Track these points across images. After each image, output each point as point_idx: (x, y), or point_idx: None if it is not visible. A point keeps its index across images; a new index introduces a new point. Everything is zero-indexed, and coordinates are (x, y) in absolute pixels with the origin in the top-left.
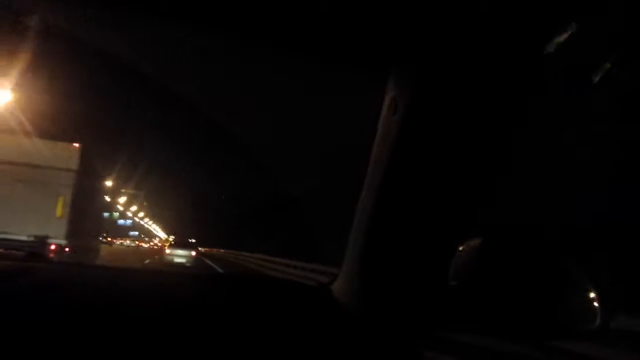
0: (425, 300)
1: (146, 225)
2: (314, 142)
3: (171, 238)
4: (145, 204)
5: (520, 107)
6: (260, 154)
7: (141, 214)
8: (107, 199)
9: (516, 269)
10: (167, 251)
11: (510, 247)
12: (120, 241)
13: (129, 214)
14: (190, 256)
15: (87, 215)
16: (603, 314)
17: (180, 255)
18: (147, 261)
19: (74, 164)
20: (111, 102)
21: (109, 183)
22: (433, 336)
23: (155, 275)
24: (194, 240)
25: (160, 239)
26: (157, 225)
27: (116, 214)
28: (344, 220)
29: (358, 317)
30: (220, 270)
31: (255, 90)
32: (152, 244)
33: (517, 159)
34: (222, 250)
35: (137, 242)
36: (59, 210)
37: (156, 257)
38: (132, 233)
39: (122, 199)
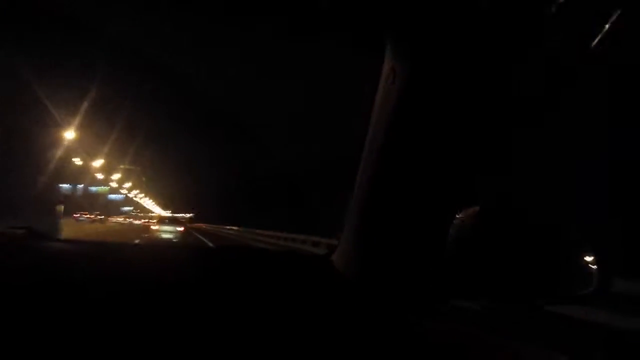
0: (422, 268)
1: (140, 201)
2: (309, 115)
3: (168, 214)
4: (144, 179)
5: (521, 80)
6: (257, 128)
7: (127, 185)
8: (79, 162)
9: (513, 237)
10: (155, 227)
11: (507, 215)
12: (115, 219)
13: (111, 184)
14: (178, 232)
15: (10, 181)
16: (601, 277)
17: (167, 231)
18: (136, 241)
19: None
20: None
21: (69, 135)
22: (431, 303)
23: (152, 249)
24: (189, 215)
25: (156, 215)
26: (152, 200)
27: (105, 188)
28: (343, 192)
29: (357, 286)
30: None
31: (253, 66)
32: (145, 220)
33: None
34: (234, 227)
35: (129, 220)
36: None
37: (145, 235)
38: (125, 209)
39: (99, 163)
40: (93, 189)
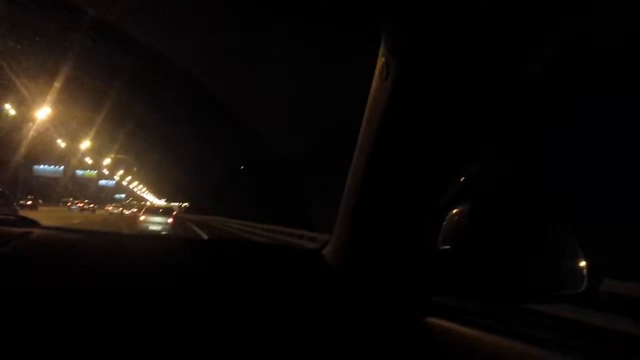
0: (416, 264)
1: (133, 188)
2: (304, 105)
3: (162, 202)
4: (135, 169)
5: (513, 75)
6: (250, 119)
7: (119, 173)
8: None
9: (505, 234)
10: (141, 217)
11: (500, 213)
12: (106, 208)
13: (93, 169)
14: (167, 223)
15: None
16: (591, 277)
17: (155, 222)
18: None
19: None
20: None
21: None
22: (423, 298)
23: (147, 240)
24: (184, 204)
25: (150, 204)
26: (146, 188)
27: (93, 172)
28: (335, 185)
29: (350, 280)
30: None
31: (241, 52)
32: (135, 210)
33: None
34: (228, 220)
35: (120, 208)
36: None
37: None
38: (118, 196)
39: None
40: (80, 172)
